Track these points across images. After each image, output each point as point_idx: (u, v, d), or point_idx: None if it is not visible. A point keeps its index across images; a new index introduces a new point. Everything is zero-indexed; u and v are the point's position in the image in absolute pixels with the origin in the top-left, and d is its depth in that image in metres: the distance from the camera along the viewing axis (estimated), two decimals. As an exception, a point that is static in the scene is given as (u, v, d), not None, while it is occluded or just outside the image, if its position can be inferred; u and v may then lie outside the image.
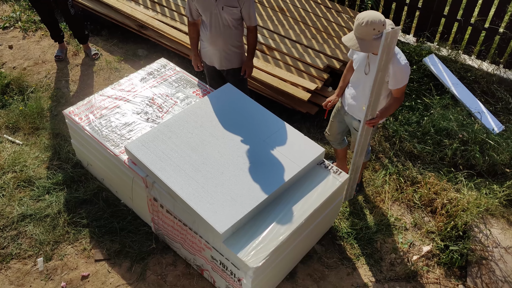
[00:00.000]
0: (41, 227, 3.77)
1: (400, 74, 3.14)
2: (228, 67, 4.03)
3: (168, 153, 3.34)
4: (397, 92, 3.28)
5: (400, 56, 3.14)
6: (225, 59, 3.95)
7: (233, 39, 3.85)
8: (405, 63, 3.15)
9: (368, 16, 2.98)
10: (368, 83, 3.29)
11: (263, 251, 2.93)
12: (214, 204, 3.05)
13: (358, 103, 3.47)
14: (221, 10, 3.64)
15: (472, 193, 4.00)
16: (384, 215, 4.01)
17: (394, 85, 3.20)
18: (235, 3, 3.63)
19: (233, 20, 3.72)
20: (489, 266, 3.64)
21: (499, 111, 4.84)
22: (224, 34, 3.79)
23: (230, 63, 3.99)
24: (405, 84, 3.21)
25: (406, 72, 3.16)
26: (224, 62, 3.98)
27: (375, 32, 2.99)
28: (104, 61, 5.50)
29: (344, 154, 4.15)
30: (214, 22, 3.73)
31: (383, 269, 3.68)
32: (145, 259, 3.63)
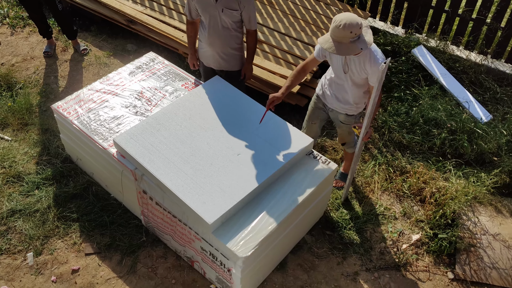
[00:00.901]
0: (31, 222, 3.77)
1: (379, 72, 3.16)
2: (227, 68, 3.95)
3: (157, 146, 3.34)
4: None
5: (377, 54, 3.15)
6: (222, 60, 3.87)
7: (232, 41, 3.75)
8: (381, 62, 3.10)
9: (345, 19, 2.92)
10: (348, 81, 3.33)
11: (252, 241, 2.94)
12: (203, 195, 3.05)
13: (341, 98, 3.48)
14: (221, 12, 3.55)
15: (460, 182, 4.03)
16: (373, 205, 4.04)
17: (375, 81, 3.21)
18: (235, 6, 3.53)
19: (233, 22, 3.64)
20: (477, 253, 3.67)
21: (487, 101, 4.87)
22: (223, 36, 3.70)
23: (228, 64, 3.91)
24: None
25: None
26: (222, 63, 3.90)
27: (352, 35, 2.95)
28: (93, 57, 5.49)
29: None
30: (213, 24, 3.64)
31: (373, 258, 3.70)
32: (136, 252, 3.63)
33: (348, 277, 3.57)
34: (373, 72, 3.15)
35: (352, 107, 3.52)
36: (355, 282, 3.54)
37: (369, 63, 3.13)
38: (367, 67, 3.16)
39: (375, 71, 3.11)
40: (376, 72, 3.10)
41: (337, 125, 3.78)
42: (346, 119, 3.61)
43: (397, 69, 5.01)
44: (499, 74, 5.07)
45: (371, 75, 3.19)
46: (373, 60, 3.12)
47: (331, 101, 3.57)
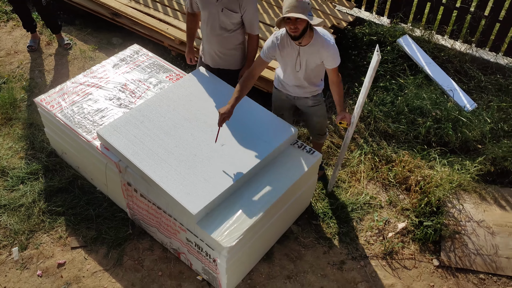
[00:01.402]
0: (16, 216, 3.74)
1: (334, 52, 3.17)
2: (223, 66, 3.84)
3: (141, 137, 3.33)
4: (334, 73, 3.29)
5: (327, 37, 3.18)
6: (219, 58, 3.77)
7: (229, 42, 3.64)
8: (333, 43, 3.19)
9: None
10: (303, 73, 3.34)
11: (236, 231, 2.94)
12: (187, 186, 3.05)
13: (301, 86, 3.47)
14: (220, 12, 3.45)
15: (445, 170, 4.06)
16: (359, 194, 4.05)
17: (333, 63, 3.22)
18: (236, 8, 3.43)
19: (231, 24, 3.52)
20: (462, 240, 3.71)
21: (471, 89, 4.90)
22: (220, 36, 3.59)
23: (225, 63, 3.81)
24: (339, 62, 3.24)
25: (337, 49, 3.20)
26: (219, 61, 3.80)
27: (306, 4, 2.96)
28: (78, 50, 5.44)
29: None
30: (211, 22, 3.55)
31: (359, 247, 3.72)
32: (122, 245, 3.62)
33: (334, 266, 3.58)
34: (328, 55, 3.17)
35: (315, 88, 3.51)
36: (341, 271, 3.56)
37: (322, 47, 3.15)
38: (321, 51, 3.17)
39: (330, 53, 3.15)
40: (331, 54, 3.15)
41: (311, 113, 3.70)
42: (314, 101, 3.60)
43: (382, 59, 5.01)
44: (484, 62, 5.10)
45: (326, 59, 3.20)
46: (325, 43, 3.15)
47: (293, 90, 3.55)
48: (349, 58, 5.12)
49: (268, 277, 3.49)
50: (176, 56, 5.27)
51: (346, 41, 5.24)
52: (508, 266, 3.59)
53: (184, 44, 5.00)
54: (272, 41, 3.27)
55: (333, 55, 3.18)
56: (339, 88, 3.36)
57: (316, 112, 3.68)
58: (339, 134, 4.54)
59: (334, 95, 3.42)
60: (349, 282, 3.50)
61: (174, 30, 5.07)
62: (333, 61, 3.21)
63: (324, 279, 3.50)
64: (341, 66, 3.26)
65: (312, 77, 3.41)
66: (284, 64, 3.37)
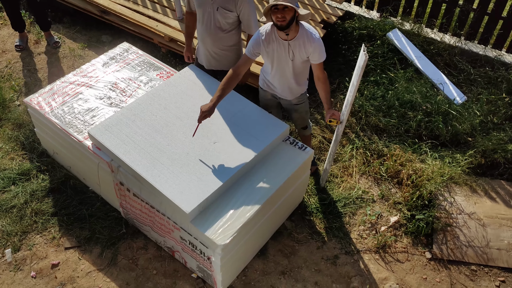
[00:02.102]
0: (8, 218, 3.72)
1: (320, 47, 3.18)
2: (217, 67, 3.81)
3: (132, 137, 3.32)
4: (320, 69, 3.29)
5: (312, 31, 3.18)
6: (213, 59, 3.74)
7: (224, 42, 3.60)
8: (318, 37, 3.19)
9: None
10: (290, 69, 3.32)
11: (230, 229, 2.95)
12: (180, 185, 3.05)
13: (288, 87, 3.47)
14: (215, 11, 3.42)
15: (436, 163, 4.09)
16: (352, 189, 4.08)
17: (319, 58, 3.22)
18: (231, 7, 3.39)
19: (226, 23, 3.49)
20: (453, 232, 3.75)
21: (461, 82, 4.94)
22: (214, 35, 3.55)
23: (219, 64, 3.77)
24: (325, 57, 3.25)
25: (322, 44, 3.20)
26: (213, 62, 3.77)
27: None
28: (68, 49, 5.40)
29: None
30: (206, 21, 3.51)
31: (352, 241, 3.75)
32: (116, 244, 3.62)
33: (328, 261, 3.61)
34: (313, 49, 3.17)
35: (300, 88, 3.52)
36: (335, 266, 3.59)
37: (308, 42, 3.15)
38: (307, 46, 3.17)
39: (315, 47, 3.16)
40: (317, 49, 3.16)
41: (293, 110, 3.70)
42: (299, 99, 3.60)
43: (372, 53, 5.03)
44: (473, 55, 5.13)
45: (312, 53, 3.20)
46: (310, 37, 3.15)
47: (279, 92, 3.55)
48: (339, 52, 5.13)
49: (262, 273, 3.50)
50: (166, 53, 5.25)
51: (336, 35, 5.25)
52: (499, 257, 3.64)
53: (174, 41, 4.99)
54: (257, 37, 3.25)
55: (319, 50, 3.18)
56: (326, 85, 3.35)
57: (298, 109, 3.69)
58: (330, 129, 4.56)
59: (320, 93, 3.40)
60: (343, 277, 3.52)
61: (163, 27, 5.05)
62: (318, 56, 3.21)
63: (318, 274, 3.53)
64: (331, 60, 3.29)
65: (299, 74, 3.41)
66: (271, 60, 3.34)
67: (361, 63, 3.05)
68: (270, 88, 3.58)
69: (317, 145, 4.40)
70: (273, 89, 3.57)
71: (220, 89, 3.20)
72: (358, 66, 3.11)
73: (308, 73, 3.48)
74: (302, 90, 3.54)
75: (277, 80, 3.45)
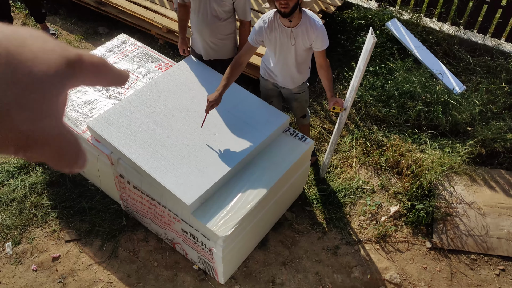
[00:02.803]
0: (7, 211, 3.71)
1: (322, 34, 3.16)
2: (215, 57, 3.78)
3: (132, 129, 3.30)
4: (323, 56, 3.27)
5: (315, 18, 3.17)
6: (211, 49, 3.71)
7: (221, 31, 3.57)
8: (321, 24, 3.17)
9: None
10: (292, 56, 3.31)
11: (232, 220, 2.95)
12: (181, 177, 3.04)
13: (290, 76, 3.46)
14: (211, 0, 3.40)
15: (436, 153, 4.09)
16: (352, 179, 4.08)
17: (321, 45, 3.20)
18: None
19: (223, 12, 3.45)
20: (453, 221, 3.76)
21: (460, 72, 4.93)
22: (211, 24, 3.51)
23: (217, 53, 3.74)
24: (327, 44, 3.23)
25: (325, 31, 3.19)
26: (211, 52, 3.74)
27: None
28: (64, 41, 5.35)
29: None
30: (202, 10, 3.46)
31: (352, 231, 3.76)
32: (116, 237, 3.62)
33: (329, 251, 3.62)
34: (316, 36, 3.15)
35: (301, 76, 3.51)
36: (336, 256, 3.60)
37: (310, 29, 3.13)
38: (310, 33, 3.15)
39: (318, 34, 3.14)
40: (319, 36, 3.14)
41: (292, 99, 3.70)
42: (300, 88, 3.60)
43: (371, 43, 5.00)
44: (472, 44, 5.12)
45: (315, 41, 3.18)
46: (313, 24, 3.14)
47: (281, 81, 3.54)
48: (338, 43, 5.11)
49: (264, 264, 3.51)
50: (164, 44, 5.22)
51: (335, 25, 5.22)
52: (499, 246, 3.66)
53: (172, 32, 4.95)
54: (260, 25, 3.23)
55: (322, 37, 3.16)
56: (328, 73, 3.33)
57: (298, 98, 3.68)
58: (330, 120, 4.55)
59: (323, 80, 3.39)
60: (344, 267, 3.54)
61: (161, 18, 5.01)
62: (321, 43, 3.19)
63: (319, 264, 3.54)
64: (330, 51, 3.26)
65: (301, 62, 3.39)
66: (273, 48, 3.33)
67: (368, 46, 3.00)
68: (271, 77, 3.57)
69: (316, 135, 4.40)
70: (274, 78, 3.56)
71: (225, 78, 3.21)
72: (366, 50, 3.07)
73: (310, 62, 3.46)
74: (303, 79, 3.53)
75: (279, 68, 3.43)
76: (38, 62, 0.44)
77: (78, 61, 0.48)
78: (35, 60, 0.44)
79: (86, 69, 0.49)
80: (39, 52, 0.45)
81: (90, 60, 0.50)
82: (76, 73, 0.48)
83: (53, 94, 0.45)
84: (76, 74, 0.48)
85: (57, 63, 0.46)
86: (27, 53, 0.43)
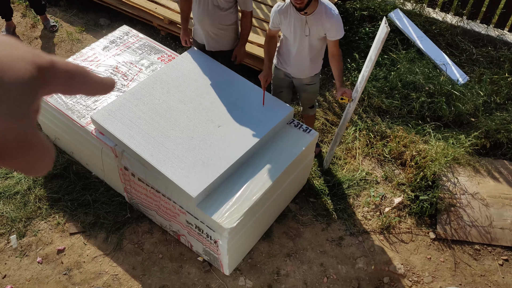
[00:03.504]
0: (12, 204, 3.71)
1: (337, 23, 3.15)
2: (216, 48, 3.77)
3: (136, 121, 3.29)
4: (336, 46, 3.26)
5: (331, 7, 3.16)
6: (212, 39, 3.69)
7: (222, 21, 3.55)
8: (337, 13, 3.16)
9: None
10: (306, 45, 3.29)
11: (237, 212, 2.95)
12: (186, 169, 3.04)
13: (302, 66, 3.46)
14: None
15: (439, 144, 4.09)
16: (355, 171, 4.08)
17: (336, 34, 3.19)
18: None
19: (224, 1, 3.43)
20: (457, 212, 3.76)
21: (463, 62, 4.91)
22: (212, 15, 3.49)
23: (218, 44, 3.73)
24: (342, 34, 3.22)
25: (341, 21, 3.17)
26: (212, 43, 3.72)
27: None
28: (65, 33, 5.33)
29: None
30: (203, 0, 3.46)
31: (356, 222, 3.76)
32: (121, 229, 3.62)
33: (333, 242, 3.63)
34: (331, 25, 3.14)
35: (314, 67, 3.50)
36: (340, 247, 3.61)
37: (325, 17, 3.12)
38: (324, 22, 3.14)
39: (333, 23, 3.12)
40: (334, 25, 3.12)
41: (302, 90, 3.70)
42: (311, 80, 3.59)
43: (374, 34, 4.99)
44: (475, 35, 5.10)
45: (329, 29, 3.17)
46: (329, 13, 3.13)
47: (293, 71, 3.54)
48: (341, 33, 5.08)
49: (268, 256, 3.52)
50: (165, 36, 5.19)
51: (337, 16, 5.19)
52: (502, 237, 3.67)
53: (174, 23, 4.93)
54: (275, 10, 3.27)
55: (336, 26, 3.14)
56: (339, 63, 3.33)
57: (308, 89, 3.67)
58: (333, 111, 4.54)
59: (334, 70, 3.38)
60: (348, 258, 3.55)
61: (162, 9, 4.98)
62: (336, 32, 3.17)
63: (323, 256, 3.55)
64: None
65: (315, 53, 3.38)
66: (288, 35, 3.32)
67: (381, 36, 2.95)
68: (283, 66, 3.57)
69: (319, 127, 4.39)
70: (286, 68, 3.56)
71: (266, 53, 3.50)
72: (378, 39, 3.02)
73: (324, 53, 3.45)
74: (316, 70, 3.53)
75: (292, 57, 3.43)
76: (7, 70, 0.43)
77: (50, 68, 0.47)
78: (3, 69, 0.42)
79: (59, 77, 0.48)
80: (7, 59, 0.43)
81: (64, 68, 0.48)
82: (48, 80, 0.46)
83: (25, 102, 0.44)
84: (49, 81, 0.47)
85: (28, 71, 0.44)
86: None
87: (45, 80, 0.46)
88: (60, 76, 0.48)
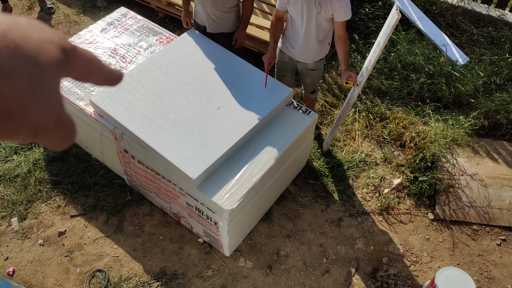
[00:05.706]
0: (12, 187, 3.72)
1: (346, 4, 3.11)
2: (217, 30, 3.74)
3: (135, 103, 3.28)
4: (342, 27, 3.22)
5: None
6: (213, 22, 3.67)
7: (223, 3, 3.53)
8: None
9: None
10: (313, 27, 3.25)
11: (237, 193, 2.96)
12: (185, 151, 3.04)
13: (308, 49, 3.42)
14: None
15: (439, 125, 4.09)
16: (355, 152, 4.09)
17: (344, 16, 3.15)
18: None
19: None
20: (456, 193, 3.78)
21: (463, 43, 4.88)
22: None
23: (219, 26, 3.71)
24: (350, 15, 3.18)
25: (349, 2, 3.13)
26: (213, 25, 3.70)
27: None
28: (62, 15, 5.28)
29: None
30: None
31: (355, 203, 3.79)
32: (121, 211, 3.64)
33: (332, 223, 3.65)
34: (340, 5, 3.10)
35: (320, 51, 3.47)
36: (339, 228, 3.63)
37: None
38: (333, 2, 3.09)
39: (342, 4, 3.09)
40: (342, 6, 3.09)
41: (306, 74, 3.67)
42: (316, 65, 3.57)
43: (374, 14, 4.95)
44: (476, 15, 5.06)
45: (338, 10, 3.13)
46: None
47: (298, 55, 3.50)
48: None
49: (268, 237, 3.55)
50: (163, 17, 5.15)
51: (337, -3, 5.14)
52: (500, 217, 3.69)
53: (172, 5, 4.88)
54: None
55: (345, 6, 3.10)
56: (346, 45, 3.29)
57: (312, 74, 3.64)
58: (332, 93, 4.53)
59: (339, 53, 3.35)
60: (347, 238, 3.58)
61: (160, -10, 4.93)
62: (343, 13, 3.13)
63: (322, 237, 3.57)
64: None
65: (322, 35, 3.34)
66: (295, 15, 3.27)
67: (392, 23, 2.90)
68: (288, 50, 3.54)
69: (319, 109, 4.38)
70: (291, 52, 3.53)
71: (272, 35, 3.45)
72: (388, 26, 2.97)
73: (331, 37, 3.42)
74: (321, 55, 3.49)
75: (299, 39, 3.39)
76: (42, 52, 0.46)
77: (72, 51, 0.49)
78: (39, 51, 0.46)
79: (78, 61, 0.51)
80: (40, 42, 0.46)
81: (83, 53, 0.52)
82: (70, 63, 0.49)
83: (57, 82, 0.47)
84: (70, 64, 0.49)
85: (56, 53, 0.47)
86: (31, 44, 0.45)
87: (68, 63, 0.49)
88: (80, 61, 0.51)
